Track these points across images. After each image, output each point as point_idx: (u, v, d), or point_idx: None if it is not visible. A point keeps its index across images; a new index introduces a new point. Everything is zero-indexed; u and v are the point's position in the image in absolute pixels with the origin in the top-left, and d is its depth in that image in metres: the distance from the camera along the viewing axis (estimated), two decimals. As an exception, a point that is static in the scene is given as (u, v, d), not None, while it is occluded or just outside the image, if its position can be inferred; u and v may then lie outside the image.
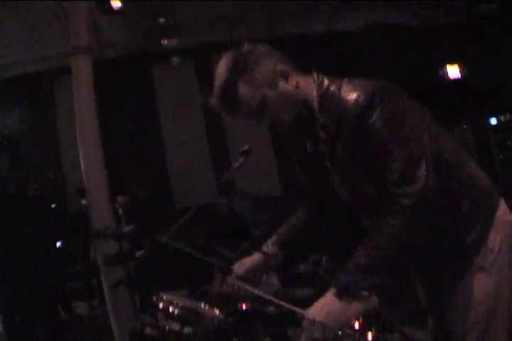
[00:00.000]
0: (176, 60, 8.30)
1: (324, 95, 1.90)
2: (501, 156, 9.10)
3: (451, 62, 8.58)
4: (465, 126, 8.87)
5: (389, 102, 1.80)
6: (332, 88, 1.90)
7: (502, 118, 9.02)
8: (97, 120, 5.77)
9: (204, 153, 8.82)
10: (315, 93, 1.91)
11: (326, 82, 1.93)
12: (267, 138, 8.23)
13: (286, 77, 1.89)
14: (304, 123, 1.96)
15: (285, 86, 1.88)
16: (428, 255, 1.94)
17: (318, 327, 1.70)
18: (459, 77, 8.59)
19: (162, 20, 7.61)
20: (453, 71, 8.65)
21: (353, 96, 1.82)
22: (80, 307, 7.62)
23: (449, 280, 1.96)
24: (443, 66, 8.59)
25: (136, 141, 8.43)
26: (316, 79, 1.95)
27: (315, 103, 1.91)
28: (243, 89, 1.85)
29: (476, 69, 8.48)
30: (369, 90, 1.81)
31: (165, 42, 7.75)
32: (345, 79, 1.92)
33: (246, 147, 2.33)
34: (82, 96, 5.77)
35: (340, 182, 2.01)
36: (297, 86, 1.90)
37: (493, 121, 9.14)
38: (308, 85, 1.93)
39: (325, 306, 1.74)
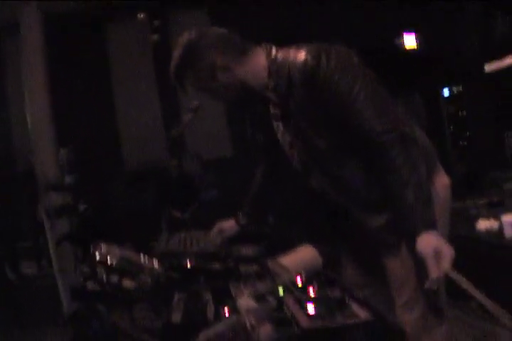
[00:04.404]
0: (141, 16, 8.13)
1: (273, 62, 2.02)
2: (451, 128, 9.25)
3: (408, 31, 8.60)
4: (417, 96, 8.96)
5: (338, 58, 1.90)
6: (280, 54, 2.03)
7: (454, 89, 9.13)
8: (45, 78, 5.62)
9: (156, 113, 8.72)
10: (265, 63, 2.04)
11: (274, 50, 2.06)
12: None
13: (226, 70, 2.03)
14: (251, 96, 2.11)
15: (224, 77, 2.04)
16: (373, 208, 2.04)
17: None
18: (415, 45, 8.62)
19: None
20: (409, 40, 8.67)
21: (301, 56, 1.93)
22: (29, 268, 7.54)
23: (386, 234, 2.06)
24: (399, 34, 8.60)
25: (87, 99, 8.24)
26: (265, 49, 2.08)
27: (264, 72, 2.03)
28: (188, 77, 2.09)
29: (431, 38, 8.52)
30: (315, 49, 1.92)
31: None
32: (293, 46, 2.03)
33: (195, 103, 2.41)
34: (30, 53, 5.59)
35: (292, 141, 2.09)
36: (237, 75, 2.04)
37: (446, 92, 9.25)
38: (255, 62, 2.06)
39: (432, 242, 1.76)
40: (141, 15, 8.19)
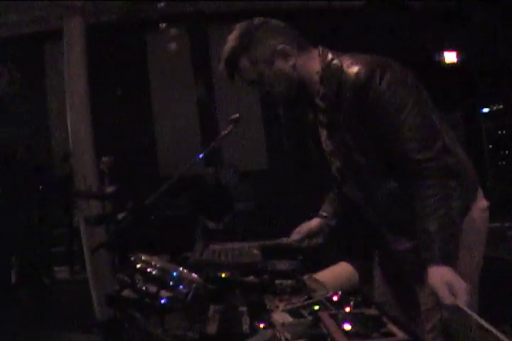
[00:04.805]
0: (163, 26, 8.20)
1: (326, 68, 1.96)
2: (490, 146, 9.11)
3: (449, 47, 8.53)
4: (457, 113, 8.86)
5: (393, 76, 1.85)
6: (335, 61, 1.96)
7: (494, 107, 9.01)
8: (87, 84, 5.71)
9: (193, 122, 8.78)
10: (318, 66, 1.99)
11: (330, 55, 1.99)
12: (258, 111, 8.22)
13: (285, 57, 1.97)
14: (302, 95, 2.05)
15: (282, 65, 1.97)
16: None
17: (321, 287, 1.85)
18: (456, 62, 8.54)
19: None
20: (449, 56, 8.60)
21: (354, 68, 1.87)
22: (62, 272, 7.63)
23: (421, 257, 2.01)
24: (440, 50, 8.53)
25: (126, 106, 8.34)
26: (320, 53, 2.02)
27: (316, 76, 1.98)
28: (243, 62, 1.98)
29: (472, 55, 8.44)
30: (371, 63, 1.87)
31: (161, 4, 7.62)
32: (349, 54, 1.98)
33: (236, 115, 2.39)
34: (73, 60, 5.70)
35: (334, 152, 2.07)
36: (295, 66, 1.98)
37: (485, 109, 9.13)
38: (310, 62, 2.00)
39: (445, 276, 1.73)
40: (163, 26, 8.26)
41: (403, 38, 7.89)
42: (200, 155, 2.56)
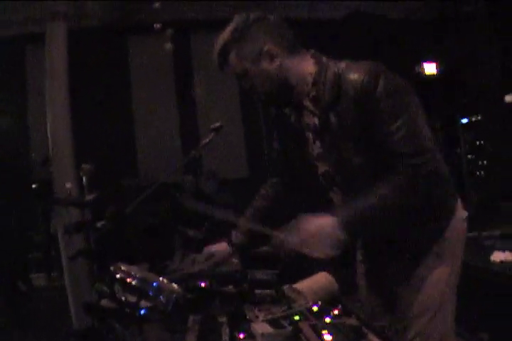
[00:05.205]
0: (157, 26, 8.16)
1: (322, 70, 1.99)
2: (469, 156, 9.18)
3: (429, 58, 8.60)
4: (436, 124, 8.92)
5: (395, 82, 1.90)
6: (332, 65, 1.99)
7: (473, 118, 9.08)
8: (67, 89, 5.67)
9: (174, 130, 8.75)
10: (312, 68, 2.01)
11: (324, 59, 2.03)
12: (239, 119, 8.21)
13: (271, 58, 1.99)
14: (288, 96, 2.06)
15: (267, 66, 1.99)
16: (398, 237, 2.04)
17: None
18: (435, 73, 8.60)
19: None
20: (429, 67, 8.66)
21: (359, 72, 1.89)
22: (39, 279, 7.54)
23: (407, 264, 2.07)
24: (420, 61, 8.60)
25: (106, 112, 8.28)
26: (314, 56, 2.05)
27: (309, 77, 2.01)
28: (231, 55, 2.01)
29: (452, 67, 8.51)
30: (376, 69, 1.90)
31: (156, 5, 7.60)
32: (344, 61, 2.00)
33: (218, 124, 2.40)
34: (53, 64, 5.65)
35: (323, 154, 2.07)
36: (281, 67, 1.99)
37: (464, 120, 9.20)
38: (302, 63, 2.03)
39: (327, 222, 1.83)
40: (158, 26, 8.24)
41: (384, 49, 7.94)
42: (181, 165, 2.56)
